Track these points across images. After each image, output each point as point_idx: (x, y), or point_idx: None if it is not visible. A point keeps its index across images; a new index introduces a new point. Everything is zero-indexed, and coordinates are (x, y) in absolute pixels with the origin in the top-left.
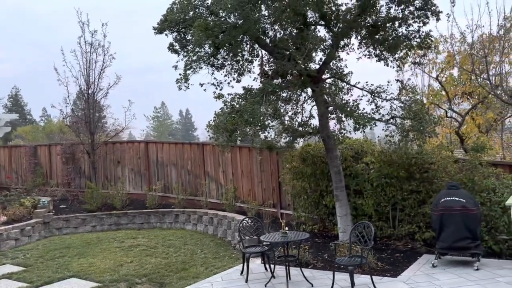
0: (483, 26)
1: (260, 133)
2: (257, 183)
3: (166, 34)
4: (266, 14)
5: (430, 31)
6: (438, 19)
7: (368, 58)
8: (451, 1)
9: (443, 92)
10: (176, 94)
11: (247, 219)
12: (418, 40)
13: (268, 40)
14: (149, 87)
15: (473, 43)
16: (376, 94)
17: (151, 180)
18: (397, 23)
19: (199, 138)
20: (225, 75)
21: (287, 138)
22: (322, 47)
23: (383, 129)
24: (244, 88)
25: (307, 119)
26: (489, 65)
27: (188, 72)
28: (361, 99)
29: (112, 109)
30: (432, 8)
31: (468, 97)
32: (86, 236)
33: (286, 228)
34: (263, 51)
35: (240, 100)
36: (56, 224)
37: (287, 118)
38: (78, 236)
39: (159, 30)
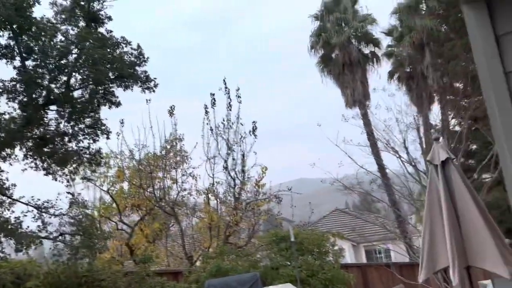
0: (148, 146)
1: None
2: None
3: None
4: None
5: (100, 148)
6: (108, 138)
7: (35, 170)
8: (121, 122)
9: (114, 205)
10: None
11: None
12: (88, 156)
13: None
14: None
15: (141, 160)
16: (43, 210)
17: None
18: (67, 138)
19: None
20: None
21: None
22: None
23: (50, 248)
24: None
25: None
26: (154, 180)
27: None
28: (25, 215)
29: None
30: (102, 128)
31: (138, 209)
32: None
33: None
34: None
35: None
36: None
37: None
38: None
39: None
